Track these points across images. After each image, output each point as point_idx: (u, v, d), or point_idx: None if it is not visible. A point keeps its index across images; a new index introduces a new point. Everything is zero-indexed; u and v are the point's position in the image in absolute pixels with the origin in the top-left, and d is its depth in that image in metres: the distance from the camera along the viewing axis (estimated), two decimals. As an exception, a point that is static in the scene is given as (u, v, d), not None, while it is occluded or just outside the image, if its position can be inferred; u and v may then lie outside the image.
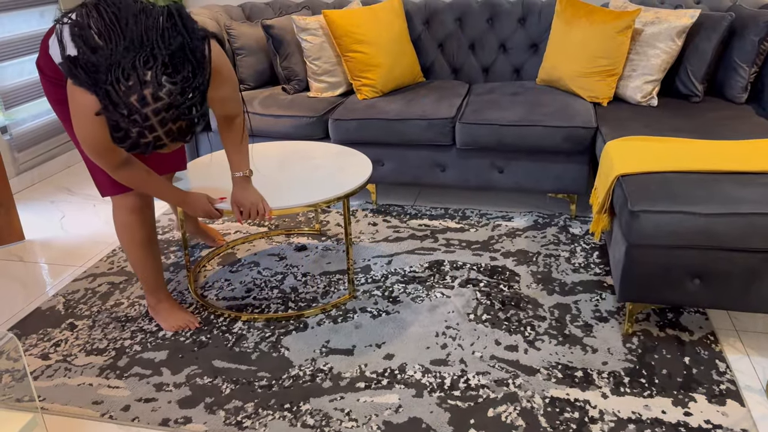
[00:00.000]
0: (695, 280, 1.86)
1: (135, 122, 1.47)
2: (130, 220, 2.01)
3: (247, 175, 1.95)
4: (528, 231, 2.72)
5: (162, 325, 2.15)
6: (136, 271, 2.10)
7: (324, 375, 1.89)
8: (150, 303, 2.17)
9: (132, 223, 2.01)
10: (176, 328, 2.13)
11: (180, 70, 1.51)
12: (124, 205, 1.99)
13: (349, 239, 2.17)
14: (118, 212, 2.01)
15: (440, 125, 2.76)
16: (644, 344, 1.97)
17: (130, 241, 2.03)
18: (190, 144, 3.10)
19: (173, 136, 1.54)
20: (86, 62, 1.53)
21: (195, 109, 1.54)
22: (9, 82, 3.32)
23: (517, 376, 1.86)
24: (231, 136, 1.95)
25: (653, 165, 2.04)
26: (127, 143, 1.51)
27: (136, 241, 2.04)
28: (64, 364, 1.99)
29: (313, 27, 3.02)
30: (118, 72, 1.47)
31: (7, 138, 3.34)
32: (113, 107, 1.47)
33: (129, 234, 2.02)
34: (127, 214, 2.00)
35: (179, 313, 2.16)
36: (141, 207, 2.01)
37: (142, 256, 2.06)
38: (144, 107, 1.46)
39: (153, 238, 2.07)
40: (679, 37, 2.67)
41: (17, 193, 3.38)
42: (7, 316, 2.27)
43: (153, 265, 2.10)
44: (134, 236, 2.03)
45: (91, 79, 1.51)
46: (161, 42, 1.52)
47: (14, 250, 2.76)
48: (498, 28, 3.20)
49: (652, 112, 2.64)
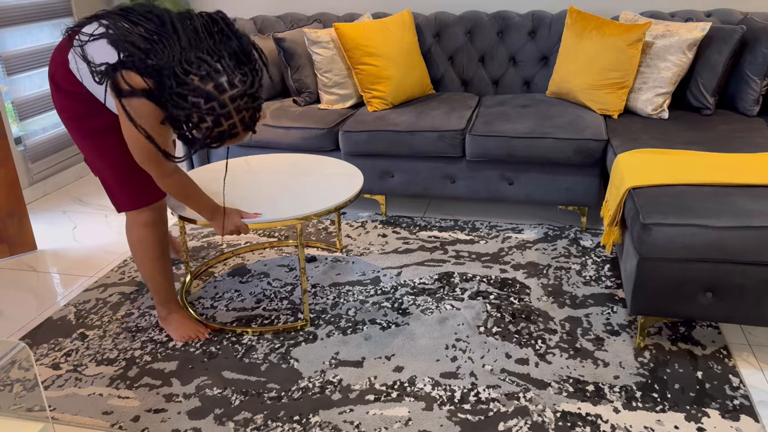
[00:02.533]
0: (708, 293, 1.85)
1: (212, 110, 1.53)
2: (145, 235, 2.03)
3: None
4: (538, 243, 2.71)
5: (173, 336, 2.15)
6: (148, 284, 2.12)
7: (333, 387, 1.88)
8: (161, 314, 2.18)
9: (147, 238, 2.03)
10: (187, 339, 2.14)
11: (242, 65, 1.61)
12: (138, 221, 2.01)
13: (302, 264, 2.12)
14: (133, 227, 2.03)
15: (450, 137, 2.76)
16: (656, 358, 1.96)
17: (144, 255, 2.05)
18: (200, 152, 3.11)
19: (245, 124, 1.61)
20: (141, 64, 1.56)
21: (260, 99, 1.64)
22: (23, 93, 3.37)
23: (527, 389, 1.84)
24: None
25: (665, 178, 2.03)
26: (202, 135, 1.56)
27: (150, 255, 2.06)
28: (75, 374, 2.00)
29: (324, 40, 3.04)
30: (186, 65, 1.52)
31: (21, 149, 3.37)
32: (183, 100, 1.51)
33: (143, 248, 2.04)
34: (141, 228, 2.02)
35: (190, 323, 2.16)
36: (155, 222, 2.03)
37: (156, 270, 2.08)
38: (222, 94, 1.53)
39: (166, 252, 2.09)
40: (689, 49, 2.67)
41: (30, 203, 3.41)
42: (19, 325, 2.28)
43: (165, 278, 2.11)
44: (148, 251, 2.05)
45: (153, 79, 1.54)
46: (219, 39, 1.60)
47: (26, 260, 2.78)
48: (508, 41, 3.21)
49: (663, 125, 2.63)
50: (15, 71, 3.29)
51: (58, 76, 1.83)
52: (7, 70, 3.23)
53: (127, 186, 1.96)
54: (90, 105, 1.85)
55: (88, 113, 1.86)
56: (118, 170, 1.94)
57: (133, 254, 2.09)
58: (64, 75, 1.82)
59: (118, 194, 1.98)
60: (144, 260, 2.06)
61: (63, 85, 1.83)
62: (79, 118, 1.87)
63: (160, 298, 2.14)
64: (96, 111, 1.86)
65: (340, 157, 2.97)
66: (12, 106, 3.31)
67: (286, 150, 3.01)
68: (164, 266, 2.10)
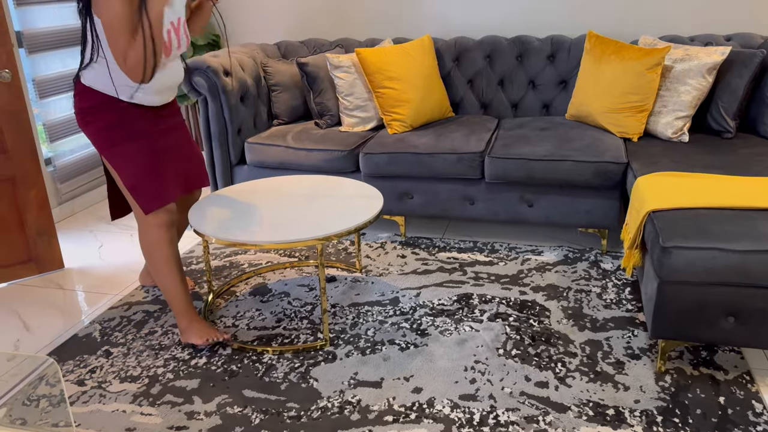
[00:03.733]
0: (729, 317, 1.84)
1: None
2: (159, 236, 2.15)
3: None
4: (558, 265, 2.71)
5: (194, 342, 2.20)
6: (167, 292, 2.20)
7: (352, 407, 1.89)
8: (182, 326, 2.22)
9: (161, 240, 2.15)
10: (206, 340, 2.19)
11: None
12: (154, 222, 2.14)
13: (322, 284, 2.15)
14: (148, 229, 2.16)
15: (469, 159, 2.79)
16: (677, 383, 1.94)
17: (160, 258, 2.17)
18: (224, 174, 3.18)
19: None
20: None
21: None
22: (54, 116, 3.47)
23: (547, 413, 1.84)
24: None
25: (685, 201, 2.03)
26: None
27: (166, 258, 2.17)
28: (99, 390, 2.04)
29: (345, 64, 3.10)
30: None
31: (51, 169, 3.47)
32: None
33: (159, 251, 2.16)
34: (156, 230, 2.15)
35: (211, 329, 2.23)
36: (169, 224, 2.17)
37: (173, 274, 2.18)
38: None
39: (179, 257, 2.22)
40: (709, 73, 2.67)
41: (58, 223, 3.49)
42: (45, 342, 2.33)
43: (182, 285, 2.21)
44: (164, 252, 2.16)
45: None
46: None
47: (54, 278, 2.85)
48: (527, 65, 3.25)
49: (683, 148, 2.63)
50: (46, 95, 3.39)
51: (80, 100, 2.07)
52: (39, 93, 3.34)
53: (151, 186, 2.13)
54: (112, 113, 2.07)
55: (113, 123, 2.07)
56: (143, 172, 2.12)
57: (149, 260, 2.19)
58: (83, 94, 2.06)
59: (144, 196, 2.12)
60: (161, 264, 2.17)
61: (85, 104, 2.06)
62: (107, 128, 2.07)
63: (179, 308, 2.21)
64: (118, 120, 2.07)
65: (361, 179, 3.01)
66: (43, 128, 3.41)
67: (308, 171, 3.06)
68: (180, 271, 2.21)
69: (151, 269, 2.20)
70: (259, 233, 2.07)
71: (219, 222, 2.18)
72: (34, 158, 2.73)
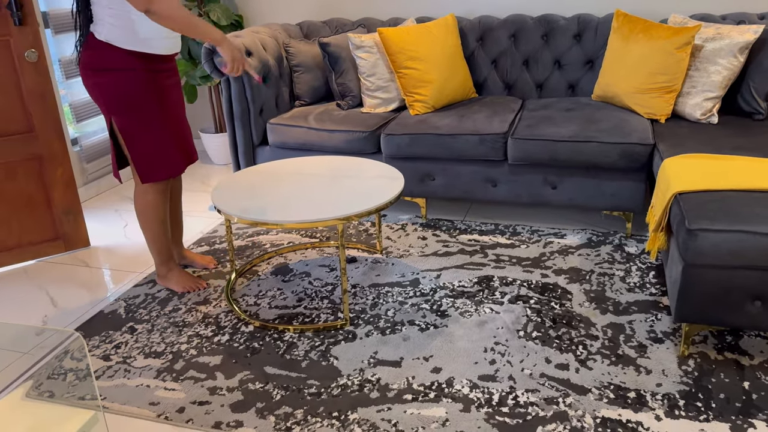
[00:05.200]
0: (756, 302, 1.80)
1: None
2: (157, 200, 2.33)
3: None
4: (581, 249, 2.68)
5: (174, 288, 2.48)
6: (152, 246, 2.42)
7: (372, 385, 1.91)
8: (161, 273, 2.49)
9: (158, 203, 2.34)
10: (187, 289, 2.48)
11: None
12: (153, 188, 2.31)
13: (342, 265, 2.17)
14: (147, 193, 2.32)
15: (492, 140, 2.76)
16: (701, 367, 1.91)
17: (154, 219, 2.36)
18: (246, 154, 3.19)
19: None
20: None
21: None
22: (79, 97, 3.51)
23: (567, 395, 1.83)
24: None
25: (712, 183, 1.99)
26: None
27: (159, 218, 2.37)
28: (124, 365, 2.08)
29: (368, 44, 3.08)
30: None
31: (77, 149, 3.52)
32: None
33: (154, 212, 2.35)
34: (156, 194, 2.32)
35: (188, 277, 2.50)
36: (166, 189, 2.35)
37: (161, 231, 2.39)
38: None
39: (167, 215, 2.41)
40: (741, 53, 2.60)
41: (84, 202, 3.55)
42: (72, 318, 2.38)
43: (167, 239, 2.43)
44: (158, 214, 2.36)
45: None
46: None
47: (80, 256, 2.90)
48: (553, 45, 3.19)
49: (711, 130, 2.57)
50: (72, 75, 3.43)
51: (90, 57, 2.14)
52: (65, 74, 3.38)
53: (158, 159, 2.27)
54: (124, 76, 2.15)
55: (123, 88, 2.16)
56: (151, 144, 2.25)
57: (141, 218, 2.37)
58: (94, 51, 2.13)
59: (149, 167, 2.26)
60: (153, 222, 2.36)
61: (96, 63, 2.13)
62: (117, 94, 2.16)
63: (162, 258, 2.45)
64: (129, 83, 2.16)
65: (382, 160, 3.00)
66: (69, 109, 3.46)
67: (330, 152, 3.05)
68: (167, 228, 2.41)
69: (142, 225, 2.38)
70: (281, 213, 2.08)
71: (242, 202, 2.19)
72: (61, 138, 2.77)
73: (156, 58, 2.21)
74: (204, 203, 3.43)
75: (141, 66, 2.16)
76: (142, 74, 2.17)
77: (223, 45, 2.20)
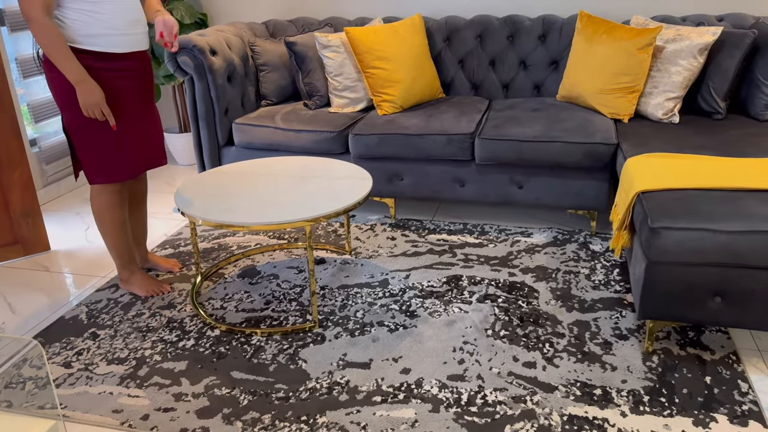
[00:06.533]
0: (717, 298, 1.84)
1: None
2: (111, 201, 2.28)
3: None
4: (547, 247, 2.71)
5: (137, 293, 2.44)
6: (113, 249, 2.37)
7: (341, 388, 1.89)
8: (123, 276, 2.44)
9: (114, 204, 2.29)
10: (150, 293, 2.43)
11: None
12: (108, 188, 2.26)
13: (311, 266, 2.15)
14: (101, 194, 2.27)
15: (459, 140, 2.77)
16: (664, 363, 1.95)
17: (112, 219, 2.31)
18: (212, 155, 3.14)
19: None
20: None
21: None
22: (38, 96, 3.41)
23: (534, 393, 1.84)
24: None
25: (674, 182, 2.03)
26: None
27: (117, 220, 2.32)
28: (86, 372, 2.02)
29: (335, 44, 3.06)
30: None
31: (36, 150, 3.42)
32: None
33: (111, 214, 2.30)
34: (110, 194, 2.27)
35: (151, 281, 2.45)
36: (121, 189, 2.30)
37: (121, 232, 2.34)
38: None
39: (126, 217, 2.36)
40: (701, 54, 2.66)
41: (44, 204, 3.45)
42: (31, 324, 2.31)
43: (127, 242, 2.39)
44: (115, 216, 2.31)
45: None
46: None
47: (40, 260, 2.82)
48: (518, 45, 3.22)
49: (673, 129, 2.63)
50: (30, 74, 3.33)
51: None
52: (22, 73, 3.28)
53: (106, 163, 2.21)
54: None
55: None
56: (101, 146, 2.19)
57: (99, 221, 2.32)
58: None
59: (96, 169, 2.21)
60: (112, 224, 2.31)
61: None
62: (72, 91, 2.10)
63: (122, 261, 2.40)
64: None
65: (350, 160, 2.99)
66: (27, 109, 3.36)
67: (297, 153, 3.03)
68: (126, 230, 2.37)
69: (100, 228, 2.33)
70: (247, 215, 2.05)
71: (206, 203, 2.16)
72: (18, 138, 2.69)
73: (107, 57, 2.12)
74: (168, 205, 3.37)
75: (90, 64, 2.10)
76: (95, 74, 2.11)
77: (79, 87, 2.05)
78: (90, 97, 2.07)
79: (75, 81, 2.04)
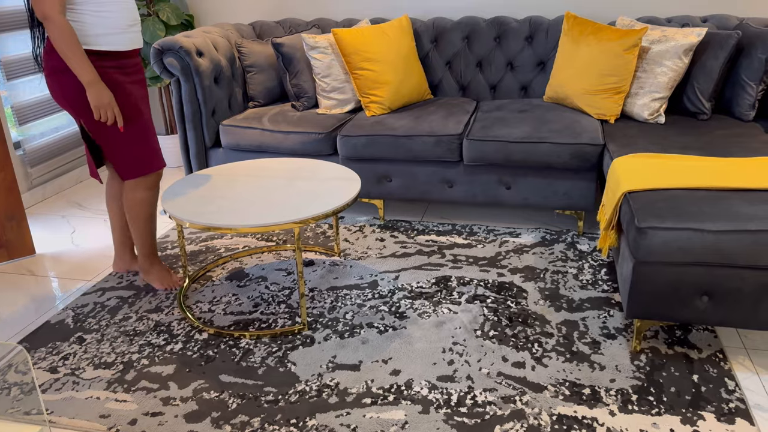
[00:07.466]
0: (704, 297, 1.86)
1: None
2: (148, 196, 2.34)
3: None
4: (536, 247, 2.72)
5: (154, 285, 2.49)
6: (140, 242, 2.42)
7: (330, 390, 1.89)
8: (144, 267, 2.48)
9: (148, 199, 2.35)
10: (166, 287, 2.48)
11: None
12: (143, 184, 2.32)
13: (300, 268, 2.14)
14: (137, 189, 2.32)
15: (448, 142, 2.77)
16: (652, 362, 1.96)
17: (143, 215, 2.36)
18: (199, 157, 3.12)
19: None
20: None
21: None
22: (22, 98, 3.38)
23: (524, 393, 1.85)
24: None
25: (661, 182, 2.04)
26: None
27: (148, 215, 2.38)
28: (72, 377, 2.00)
29: (322, 45, 3.06)
30: None
31: (20, 153, 3.38)
32: None
33: (144, 209, 2.35)
34: (145, 190, 2.33)
35: (168, 274, 2.50)
36: (155, 185, 2.36)
37: (149, 228, 2.40)
38: None
39: (154, 212, 2.42)
40: (686, 55, 2.68)
41: (29, 208, 3.41)
42: (16, 329, 2.29)
43: (153, 234, 2.45)
44: (146, 210, 2.36)
45: None
46: None
47: (25, 264, 2.79)
48: (505, 47, 3.23)
49: (659, 130, 2.65)
50: (14, 76, 3.30)
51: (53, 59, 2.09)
52: (6, 74, 3.24)
53: (143, 153, 2.26)
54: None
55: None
56: (141, 138, 2.24)
57: (131, 214, 2.36)
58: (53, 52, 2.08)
59: (131, 162, 2.25)
60: (142, 219, 2.37)
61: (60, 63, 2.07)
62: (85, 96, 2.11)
63: (146, 252, 2.45)
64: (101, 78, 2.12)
65: (338, 162, 2.98)
66: (11, 111, 3.32)
67: (285, 154, 3.02)
68: (155, 224, 2.44)
69: (131, 221, 2.37)
70: (235, 217, 2.04)
71: (193, 206, 2.14)
72: (2, 142, 2.66)
73: (116, 55, 2.14)
74: (156, 207, 3.34)
75: (100, 64, 2.10)
76: (103, 72, 2.11)
77: (90, 89, 2.06)
78: (102, 98, 2.08)
79: (87, 82, 2.05)
